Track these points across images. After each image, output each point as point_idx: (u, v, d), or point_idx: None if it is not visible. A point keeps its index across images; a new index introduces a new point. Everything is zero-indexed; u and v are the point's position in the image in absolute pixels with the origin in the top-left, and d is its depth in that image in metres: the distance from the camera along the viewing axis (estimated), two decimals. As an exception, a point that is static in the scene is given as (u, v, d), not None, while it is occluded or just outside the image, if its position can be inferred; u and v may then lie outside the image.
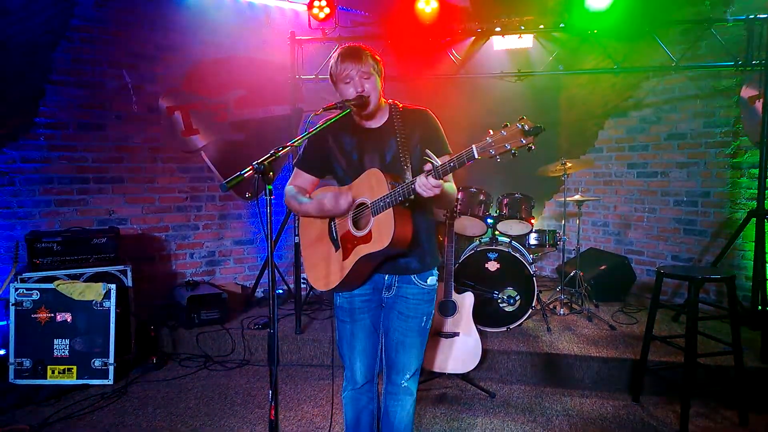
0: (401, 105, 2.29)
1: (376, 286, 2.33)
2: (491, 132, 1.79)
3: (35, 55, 4.27)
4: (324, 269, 2.31)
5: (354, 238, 2.18)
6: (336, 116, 2.11)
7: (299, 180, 2.39)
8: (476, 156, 1.82)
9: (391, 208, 2.02)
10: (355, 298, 2.34)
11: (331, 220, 2.29)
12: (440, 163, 1.89)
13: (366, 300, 2.34)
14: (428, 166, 1.92)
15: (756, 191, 4.15)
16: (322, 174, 2.40)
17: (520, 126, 1.74)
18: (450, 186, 2.17)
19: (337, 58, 2.15)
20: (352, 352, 2.38)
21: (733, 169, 4.88)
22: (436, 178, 1.90)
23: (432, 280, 2.33)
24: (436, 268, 2.36)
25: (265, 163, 1.79)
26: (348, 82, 2.14)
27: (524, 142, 1.73)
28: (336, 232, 2.28)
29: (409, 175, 2.12)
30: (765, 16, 4.04)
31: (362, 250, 2.13)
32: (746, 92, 4.70)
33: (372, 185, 2.11)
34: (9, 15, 3.80)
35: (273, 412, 1.85)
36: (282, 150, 1.91)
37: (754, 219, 4.09)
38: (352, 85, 2.13)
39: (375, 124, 2.26)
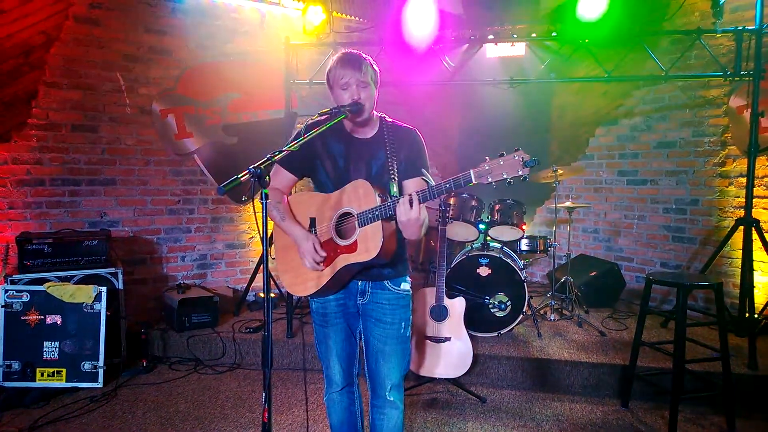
0: (390, 119, 2.32)
1: (350, 291, 2.34)
2: (488, 159, 1.87)
3: (29, 55, 4.26)
4: (302, 275, 2.29)
5: (337, 246, 2.19)
6: (331, 121, 2.12)
7: (279, 177, 2.34)
8: (473, 181, 1.89)
9: (380, 221, 2.05)
10: (329, 303, 2.35)
11: (311, 227, 2.28)
12: (434, 183, 1.96)
13: (341, 304, 2.36)
14: (416, 190, 1.98)
15: (744, 200, 4.21)
16: (301, 175, 2.39)
17: (517, 158, 1.82)
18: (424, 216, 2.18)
19: (337, 63, 2.16)
20: (329, 355, 2.39)
21: (721, 178, 4.94)
22: (429, 198, 1.96)
23: (405, 285, 2.34)
24: (408, 275, 2.38)
25: (262, 167, 1.80)
26: (345, 89, 2.16)
27: (521, 173, 1.83)
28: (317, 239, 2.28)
29: (395, 189, 2.15)
30: (753, 28, 4.10)
31: (347, 259, 2.15)
32: (735, 102, 4.77)
33: (359, 196, 2.13)
34: (3, 15, 3.79)
35: (266, 415, 1.86)
36: (278, 155, 1.93)
37: (742, 227, 4.15)
38: (348, 92, 2.15)
39: (365, 134, 2.29)
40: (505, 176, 1.83)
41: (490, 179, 1.85)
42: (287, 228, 2.29)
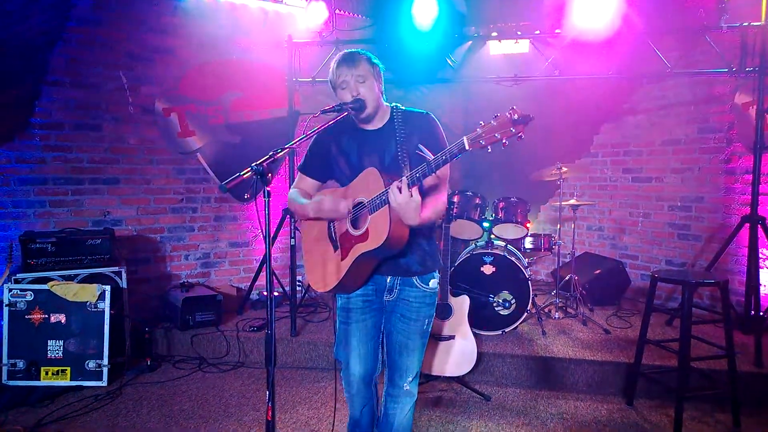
0: (403, 107, 2.31)
1: (378, 287, 2.34)
2: (482, 123, 1.80)
3: (32, 56, 4.26)
4: (323, 270, 2.31)
5: (352, 237, 2.18)
6: (333, 119, 2.12)
7: (302, 184, 2.43)
8: (467, 147, 1.82)
9: (387, 206, 2.02)
10: (356, 299, 2.35)
11: (330, 221, 2.30)
12: (432, 157, 1.90)
13: (367, 301, 2.35)
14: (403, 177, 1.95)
15: (749, 197, 4.18)
16: (324, 178, 2.43)
17: (509, 115, 1.74)
18: (434, 203, 2.16)
19: (334, 65, 2.19)
20: (350, 352, 2.39)
21: (726, 175, 4.91)
22: (428, 174, 1.93)
23: (434, 282, 2.34)
24: (437, 271, 2.36)
25: (264, 164, 1.81)
26: (344, 88, 2.17)
27: (514, 130, 1.74)
28: (335, 232, 2.29)
29: None
30: (759, 23, 4.07)
31: (360, 248, 2.13)
32: (740, 98, 4.74)
33: (369, 184, 2.12)
34: (6, 16, 3.79)
35: (270, 413, 1.85)
36: (280, 152, 1.93)
37: (748, 224, 4.12)
38: (348, 89, 2.16)
39: (375, 126, 2.28)
40: (498, 137, 1.75)
41: (483, 142, 1.78)
42: (307, 208, 2.28)
